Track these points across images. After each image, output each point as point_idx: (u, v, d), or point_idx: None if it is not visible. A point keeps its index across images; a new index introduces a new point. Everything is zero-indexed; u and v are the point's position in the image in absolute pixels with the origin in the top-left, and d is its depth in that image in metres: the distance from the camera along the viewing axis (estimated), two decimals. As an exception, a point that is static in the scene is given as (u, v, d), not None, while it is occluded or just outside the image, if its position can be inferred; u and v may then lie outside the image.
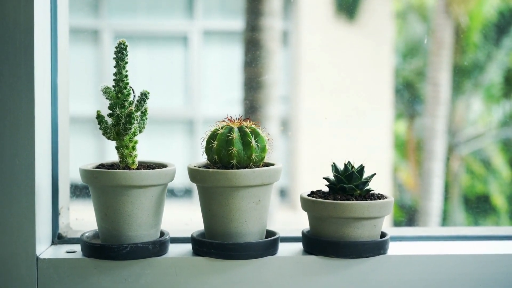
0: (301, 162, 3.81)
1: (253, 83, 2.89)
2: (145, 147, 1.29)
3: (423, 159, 4.16)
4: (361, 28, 4.05)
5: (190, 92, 3.83)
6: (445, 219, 3.89)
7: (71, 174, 1.40)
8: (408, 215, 3.74)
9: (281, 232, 1.28)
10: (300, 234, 1.29)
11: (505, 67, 4.29)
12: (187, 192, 2.76)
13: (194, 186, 1.33)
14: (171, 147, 3.77)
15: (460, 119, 4.40)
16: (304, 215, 1.26)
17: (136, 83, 1.22)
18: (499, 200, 4.09)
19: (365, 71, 3.99)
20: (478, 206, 4.26)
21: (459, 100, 4.34)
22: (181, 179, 1.29)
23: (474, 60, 4.36)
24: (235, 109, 3.27)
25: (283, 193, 3.71)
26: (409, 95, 4.67)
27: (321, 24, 4.13)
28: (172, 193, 1.78)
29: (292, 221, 3.36)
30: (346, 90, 3.80)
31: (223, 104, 3.70)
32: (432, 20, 4.50)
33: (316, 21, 4.14)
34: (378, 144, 3.84)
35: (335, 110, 3.76)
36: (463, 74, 4.36)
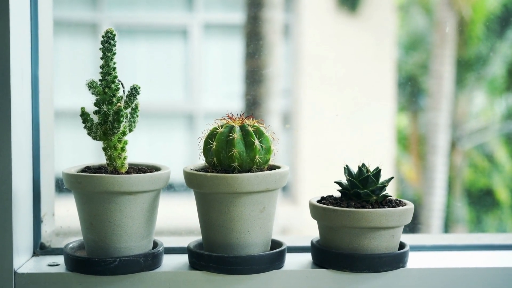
0: (303, 155, 3.73)
1: (254, 77, 2.81)
2: (145, 142, 1.17)
3: (426, 153, 4.13)
4: (363, 21, 3.99)
5: (190, 86, 3.77)
6: (448, 214, 3.83)
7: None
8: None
9: (286, 226, 1.15)
10: (307, 242, 1.18)
11: (509, 60, 4.26)
12: (188, 188, 2.67)
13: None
14: (171, 141, 3.70)
15: (463, 113, 4.36)
16: (307, 210, 1.15)
17: (136, 77, 1.10)
18: (502, 194, 4.06)
19: (367, 64, 3.94)
20: (481, 200, 4.22)
21: (462, 94, 4.31)
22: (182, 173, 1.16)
23: (477, 53, 4.31)
24: (236, 103, 3.20)
25: (284, 187, 3.63)
26: (411, 89, 4.62)
27: (322, 17, 4.07)
28: (171, 187, 1.66)
29: (294, 216, 3.28)
30: (348, 83, 3.74)
31: (224, 97, 3.62)
32: (435, 13, 4.47)
33: (318, 14, 4.08)
34: (380, 138, 3.78)
35: (336, 104, 3.69)
36: (466, 67, 4.31)
